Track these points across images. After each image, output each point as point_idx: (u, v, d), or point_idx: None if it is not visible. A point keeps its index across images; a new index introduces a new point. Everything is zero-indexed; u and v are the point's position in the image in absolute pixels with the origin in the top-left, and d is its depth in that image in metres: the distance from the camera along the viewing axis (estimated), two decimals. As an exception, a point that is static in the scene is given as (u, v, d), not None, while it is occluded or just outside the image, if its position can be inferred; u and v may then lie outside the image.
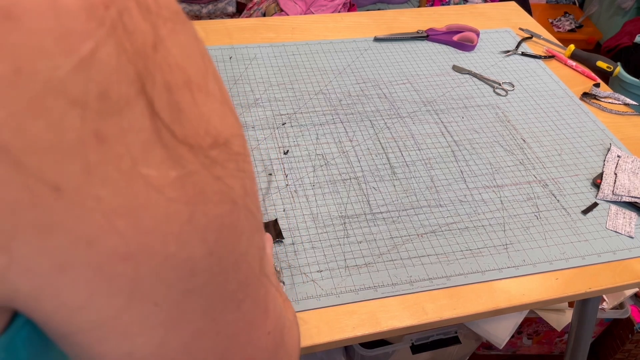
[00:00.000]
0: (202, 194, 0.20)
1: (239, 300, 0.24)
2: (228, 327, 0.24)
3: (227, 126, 0.21)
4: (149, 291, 0.20)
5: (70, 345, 0.21)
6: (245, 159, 0.23)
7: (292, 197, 0.72)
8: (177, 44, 0.19)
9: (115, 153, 0.17)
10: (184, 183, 0.19)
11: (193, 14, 1.98)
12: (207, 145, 0.20)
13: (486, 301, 0.62)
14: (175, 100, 0.18)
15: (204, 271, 0.21)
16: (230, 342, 0.24)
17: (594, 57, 1.07)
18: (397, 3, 2.17)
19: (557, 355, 1.44)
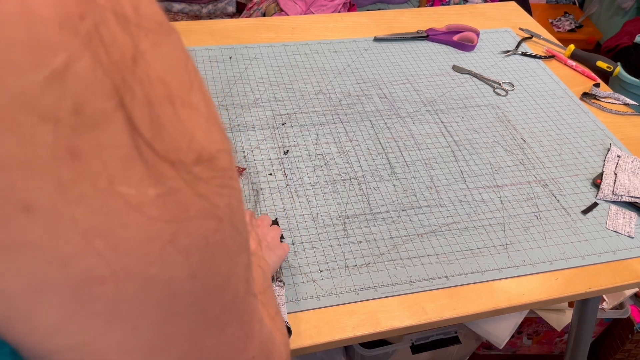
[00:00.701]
0: (185, 212, 0.19)
1: (223, 325, 0.23)
2: (210, 352, 0.23)
3: (212, 142, 0.20)
4: (128, 314, 0.19)
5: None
6: (232, 176, 0.22)
7: (292, 197, 0.72)
8: (159, 57, 0.18)
9: (91, 170, 0.16)
10: (166, 201, 0.18)
11: (193, 14, 1.98)
12: (190, 161, 0.19)
13: (486, 301, 0.62)
14: (157, 115, 0.18)
15: (187, 294, 0.20)
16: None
17: (594, 57, 1.07)
18: (397, 3, 2.17)
19: (557, 355, 1.44)
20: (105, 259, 0.17)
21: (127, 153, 0.17)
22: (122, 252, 0.18)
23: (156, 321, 0.20)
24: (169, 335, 0.21)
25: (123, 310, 0.19)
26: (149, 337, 0.20)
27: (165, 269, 0.19)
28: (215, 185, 0.20)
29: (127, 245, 0.18)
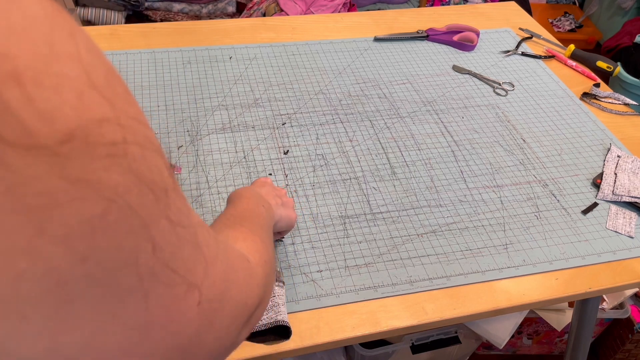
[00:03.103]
0: (51, 201, 0.17)
1: (146, 290, 0.21)
2: (137, 316, 0.21)
3: (88, 113, 0.18)
4: (10, 309, 0.17)
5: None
6: (127, 148, 0.19)
7: (292, 197, 0.72)
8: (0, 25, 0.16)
9: None
10: (21, 192, 0.16)
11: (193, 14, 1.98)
12: (52, 143, 0.16)
13: (486, 301, 0.62)
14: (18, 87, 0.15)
15: (81, 278, 0.18)
16: (145, 329, 0.22)
17: (594, 57, 1.07)
18: (397, 3, 2.17)
19: (557, 355, 1.44)
20: None
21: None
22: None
23: (50, 308, 0.18)
24: (74, 317, 0.19)
25: (1, 307, 0.17)
26: (47, 323, 0.19)
27: (39, 262, 0.17)
28: (97, 162, 0.18)
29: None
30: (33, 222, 0.17)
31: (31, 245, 0.17)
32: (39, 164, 0.16)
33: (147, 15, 1.91)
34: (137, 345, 0.22)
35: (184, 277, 0.23)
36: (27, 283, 0.17)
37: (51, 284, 0.18)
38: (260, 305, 0.34)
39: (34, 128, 0.16)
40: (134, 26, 1.06)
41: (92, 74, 0.18)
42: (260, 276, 0.34)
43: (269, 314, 0.55)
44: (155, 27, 1.05)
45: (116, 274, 0.20)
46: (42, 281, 0.17)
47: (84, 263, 0.18)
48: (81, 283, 0.18)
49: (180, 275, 0.23)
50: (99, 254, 0.19)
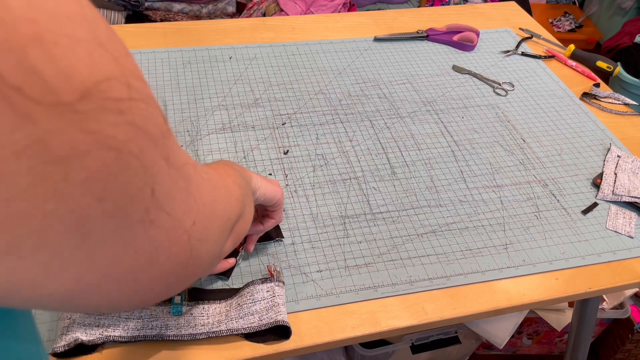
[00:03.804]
0: (73, 151, 0.19)
1: (151, 220, 0.24)
2: (145, 242, 0.24)
3: (99, 72, 0.19)
4: (40, 247, 0.20)
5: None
6: (131, 101, 0.21)
7: (292, 197, 0.72)
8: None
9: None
10: (49, 144, 0.18)
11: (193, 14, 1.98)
12: (72, 99, 0.18)
13: (486, 301, 0.62)
14: (23, 59, 0.17)
15: (98, 214, 0.21)
16: (152, 252, 0.25)
17: (594, 57, 1.07)
18: (397, 3, 2.17)
19: (557, 355, 1.44)
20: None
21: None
22: (10, 199, 0.18)
23: (73, 243, 0.21)
24: (93, 249, 0.22)
25: (30, 245, 0.19)
26: (72, 257, 0.21)
27: (65, 203, 0.19)
28: (108, 117, 0.20)
29: (15, 191, 0.18)
30: (59, 169, 0.19)
31: (57, 188, 0.19)
32: (61, 119, 0.18)
33: (147, 15, 1.91)
34: (146, 267, 0.26)
35: (184, 200, 0.27)
36: (55, 221, 0.19)
37: (74, 221, 0.20)
38: (241, 218, 0.41)
39: (56, 86, 0.18)
40: (134, 26, 1.06)
41: (98, 32, 0.20)
42: (238, 193, 0.40)
43: (269, 314, 0.55)
44: (155, 27, 1.05)
45: (126, 209, 0.22)
46: (67, 219, 0.20)
47: (101, 202, 0.21)
48: (98, 219, 0.21)
49: (180, 200, 0.27)
50: (113, 194, 0.21)
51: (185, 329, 0.54)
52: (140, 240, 0.24)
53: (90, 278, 0.23)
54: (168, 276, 0.28)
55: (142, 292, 0.27)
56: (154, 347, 0.54)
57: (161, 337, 0.54)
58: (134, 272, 0.25)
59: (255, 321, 0.55)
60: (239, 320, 0.55)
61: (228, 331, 0.54)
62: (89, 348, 0.53)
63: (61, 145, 0.18)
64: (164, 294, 0.30)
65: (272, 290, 0.57)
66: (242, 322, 0.55)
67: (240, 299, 0.57)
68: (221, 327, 0.55)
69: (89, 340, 0.52)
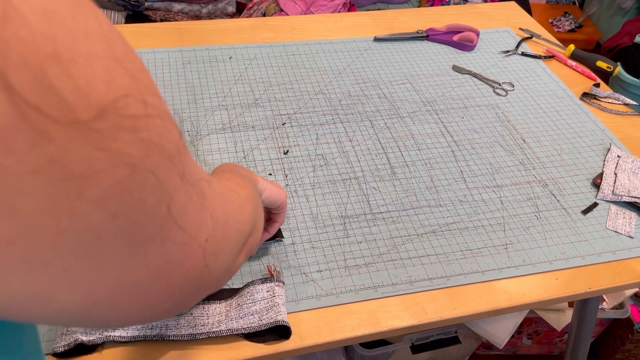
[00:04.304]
0: (89, 169, 0.19)
1: (164, 236, 0.24)
2: (158, 259, 0.24)
3: (115, 90, 0.19)
4: (52, 261, 0.19)
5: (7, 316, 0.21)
6: (148, 118, 0.21)
7: (292, 197, 0.72)
8: (36, 10, 0.16)
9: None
10: (65, 162, 0.18)
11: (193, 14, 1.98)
12: (89, 118, 0.18)
13: (486, 301, 0.62)
14: (42, 76, 0.17)
15: (112, 231, 0.21)
16: (164, 268, 0.25)
17: (594, 57, 1.07)
18: (397, 3, 2.17)
19: (557, 355, 1.44)
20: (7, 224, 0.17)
21: (9, 122, 0.16)
22: (26, 215, 0.18)
23: (85, 259, 0.20)
24: (105, 264, 0.22)
25: (43, 260, 0.19)
26: (83, 272, 0.21)
27: (79, 220, 0.19)
28: (124, 134, 0.20)
29: (31, 209, 0.18)
30: (74, 186, 0.19)
31: (72, 205, 0.19)
32: (78, 137, 0.18)
33: (147, 15, 1.91)
34: (157, 281, 0.26)
35: (198, 215, 0.27)
36: (68, 237, 0.19)
37: (88, 237, 0.20)
38: (254, 232, 0.40)
39: (73, 104, 0.18)
40: (134, 26, 1.06)
41: (114, 49, 0.20)
42: (250, 208, 0.40)
43: (269, 314, 0.55)
44: (155, 27, 1.05)
45: (141, 224, 0.22)
46: (80, 235, 0.20)
47: (115, 219, 0.21)
48: (112, 235, 0.21)
49: (194, 215, 0.27)
50: (127, 210, 0.21)
51: (185, 329, 0.54)
52: (152, 255, 0.24)
53: (101, 292, 0.23)
54: (179, 291, 0.28)
55: (152, 307, 0.27)
56: (154, 347, 0.54)
57: (161, 337, 0.54)
58: (145, 286, 0.25)
59: (255, 321, 0.55)
60: (239, 320, 0.55)
61: (228, 331, 0.54)
62: (89, 348, 0.53)
63: (77, 163, 0.18)
64: (175, 308, 0.30)
65: (272, 290, 0.57)
66: (242, 322, 0.55)
67: (240, 299, 0.57)
68: (221, 327, 0.55)
69: (89, 340, 0.52)
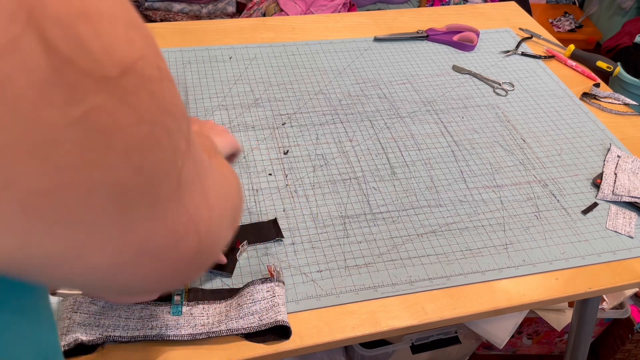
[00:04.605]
0: (115, 124, 0.20)
1: (181, 196, 0.25)
2: (175, 222, 0.26)
3: (135, 51, 0.20)
4: (85, 216, 0.20)
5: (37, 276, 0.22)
6: (162, 81, 0.22)
7: (292, 197, 0.72)
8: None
9: (9, 97, 0.16)
10: (94, 117, 0.19)
11: (193, 14, 1.98)
12: (115, 75, 0.19)
13: (486, 301, 0.62)
14: (74, 32, 0.18)
15: (137, 187, 0.22)
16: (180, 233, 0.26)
17: (594, 57, 1.07)
18: (397, 3, 2.17)
19: (557, 355, 1.44)
20: (42, 176, 0.18)
21: (46, 75, 0.17)
22: (58, 168, 0.18)
23: (115, 216, 0.21)
24: (132, 221, 0.23)
25: (78, 216, 0.20)
26: (111, 230, 0.22)
27: (108, 173, 0.20)
28: (144, 94, 0.21)
29: (66, 160, 0.18)
30: (104, 140, 0.19)
31: (102, 159, 0.20)
32: (107, 92, 0.19)
33: (147, 15, 1.91)
34: (175, 247, 0.27)
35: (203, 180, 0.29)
36: (100, 191, 0.20)
37: (116, 192, 0.21)
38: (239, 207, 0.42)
39: (102, 60, 0.19)
40: (134, 26, 1.05)
41: (130, 12, 0.21)
42: (238, 181, 0.41)
43: (269, 314, 0.55)
44: (155, 27, 1.05)
45: (159, 185, 0.23)
46: (110, 190, 0.21)
47: (138, 175, 0.22)
48: (137, 192, 0.22)
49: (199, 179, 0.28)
50: (149, 167, 0.22)
51: (185, 329, 0.54)
52: (170, 218, 0.25)
53: (128, 252, 0.24)
54: (190, 258, 0.29)
55: (169, 273, 0.28)
56: (154, 347, 0.54)
57: (161, 337, 0.54)
58: (165, 250, 0.26)
59: (255, 321, 0.55)
60: (239, 320, 0.55)
61: (228, 331, 0.54)
62: (89, 348, 0.53)
63: (106, 117, 0.19)
64: (182, 278, 0.32)
65: (272, 290, 0.57)
66: (242, 322, 0.55)
67: (240, 299, 0.57)
68: (221, 327, 0.55)
69: (89, 340, 0.52)
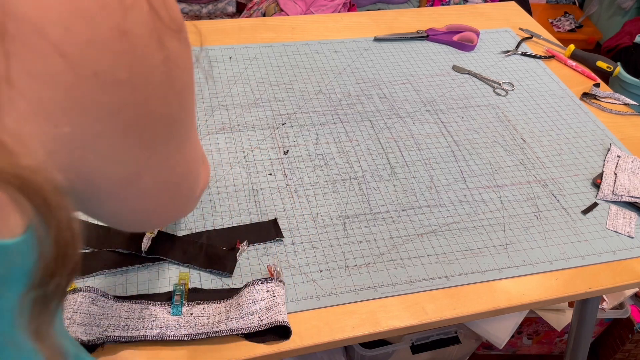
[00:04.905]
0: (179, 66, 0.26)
1: (194, 137, 0.31)
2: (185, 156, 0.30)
3: (180, 12, 0.26)
4: (150, 141, 0.25)
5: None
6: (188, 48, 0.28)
7: (292, 197, 0.72)
8: None
9: (131, 41, 0.22)
10: (173, 58, 0.25)
11: (193, 14, 1.98)
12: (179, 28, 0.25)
13: (486, 301, 0.62)
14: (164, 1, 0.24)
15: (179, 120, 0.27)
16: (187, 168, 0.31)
17: (594, 57, 1.07)
18: (397, 3, 2.17)
19: (557, 355, 1.44)
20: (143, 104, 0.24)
21: (150, 27, 0.23)
22: (152, 99, 0.24)
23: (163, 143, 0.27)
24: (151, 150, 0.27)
25: (149, 137, 0.25)
26: (142, 139, 0.26)
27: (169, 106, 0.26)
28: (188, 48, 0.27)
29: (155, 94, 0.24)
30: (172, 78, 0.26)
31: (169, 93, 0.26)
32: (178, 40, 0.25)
33: (147, 15, 1.91)
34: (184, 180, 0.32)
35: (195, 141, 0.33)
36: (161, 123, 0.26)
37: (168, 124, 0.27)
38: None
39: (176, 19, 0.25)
40: (134, 26, 1.05)
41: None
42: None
43: (269, 314, 0.55)
44: (155, 27, 1.05)
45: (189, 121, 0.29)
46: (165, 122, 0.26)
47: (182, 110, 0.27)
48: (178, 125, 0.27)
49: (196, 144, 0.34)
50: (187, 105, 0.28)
51: (185, 329, 0.54)
52: (183, 151, 0.29)
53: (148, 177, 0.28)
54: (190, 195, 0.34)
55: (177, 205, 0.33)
56: (154, 347, 0.54)
57: (161, 337, 0.54)
58: (178, 181, 0.30)
59: (255, 321, 0.55)
60: (239, 320, 0.55)
61: (228, 331, 0.54)
62: (89, 348, 0.53)
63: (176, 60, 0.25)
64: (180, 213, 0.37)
65: (272, 290, 0.57)
66: (242, 322, 0.55)
67: (240, 299, 0.57)
68: (221, 327, 0.55)
69: (88, 340, 0.52)
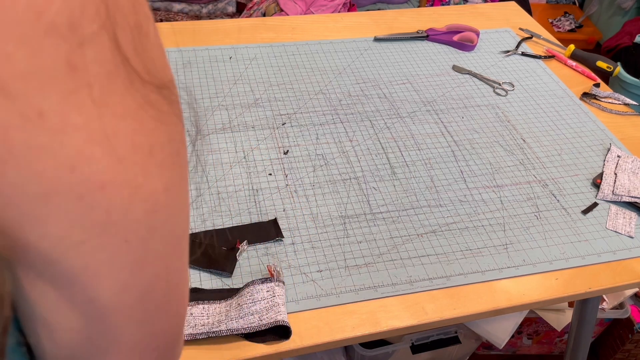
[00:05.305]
0: (157, 130, 0.21)
1: (182, 250, 0.26)
2: (174, 275, 0.26)
3: (169, 71, 0.23)
4: (120, 226, 0.21)
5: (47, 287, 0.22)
6: (178, 104, 0.24)
7: (292, 197, 0.72)
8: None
9: (86, 82, 0.18)
10: (143, 116, 0.20)
11: (193, 14, 1.98)
12: (162, 84, 0.21)
13: (486, 301, 0.62)
14: (138, 39, 0.20)
15: (164, 207, 0.23)
16: (173, 292, 0.26)
17: (594, 57, 1.07)
18: (397, 3, 2.17)
19: (557, 355, 1.44)
20: (103, 166, 0.19)
21: (112, 68, 0.19)
22: (116, 159, 0.20)
23: (142, 235, 0.22)
24: (151, 252, 0.23)
25: (117, 221, 0.21)
26: (135, 253, 0.22)
27: (148, 180, 0.21)
28: (175, 109, 0.23)
29: (119, 153, 0.20)
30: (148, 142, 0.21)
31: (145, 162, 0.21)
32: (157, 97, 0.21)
33: (147, 15, 1.91)
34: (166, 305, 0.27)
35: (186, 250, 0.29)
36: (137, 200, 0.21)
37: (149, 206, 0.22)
38: None
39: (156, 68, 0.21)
40: (134, 26, 1.05)
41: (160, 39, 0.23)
42: None
43: (269, 314, 0.55)
44: (155, 27, 1.05)
45: (177, 217, 0.24)
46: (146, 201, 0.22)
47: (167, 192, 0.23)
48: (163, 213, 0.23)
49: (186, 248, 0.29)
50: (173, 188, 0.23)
51: (185, 329, 0.54)
52: (175, 266, 0.26)
53: (134, 290, 0.24)
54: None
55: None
56: (154, 347, 0.54)
57: (161, 337, 0.54)
58: (156, 303, 0.26)
59: (255, 321, 0.55)
60: (239, 320, 0.55)
61: (228, 331, 0.54)
62: (89, 348, 0.53)
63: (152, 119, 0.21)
64: None
65: (272, 290, 0.57)
66: (242, 322, 0.55)
67: (240, 299, 0.57)
68: (221, 327, 0.55)
69: (89, 340, 0.52)
